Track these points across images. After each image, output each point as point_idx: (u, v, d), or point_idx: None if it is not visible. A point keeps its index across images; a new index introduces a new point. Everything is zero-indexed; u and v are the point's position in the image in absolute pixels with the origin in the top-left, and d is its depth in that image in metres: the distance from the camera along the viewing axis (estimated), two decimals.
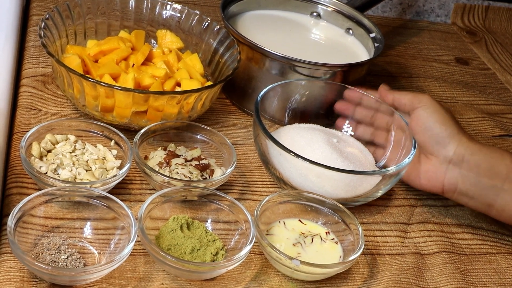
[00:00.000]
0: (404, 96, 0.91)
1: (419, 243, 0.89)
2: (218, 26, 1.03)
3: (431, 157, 0.87)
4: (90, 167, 0.83)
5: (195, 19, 1.05)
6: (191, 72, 0.98)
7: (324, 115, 0.99)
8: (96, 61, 0.97)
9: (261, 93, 0.92)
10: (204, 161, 0.88)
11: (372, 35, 1.10)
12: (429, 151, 0.87)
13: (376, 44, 1.08)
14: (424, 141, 0.87)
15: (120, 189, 0.84)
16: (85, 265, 0.73)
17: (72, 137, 0.86)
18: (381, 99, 0.94)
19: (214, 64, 1.02)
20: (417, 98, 0.89)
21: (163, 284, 0.75)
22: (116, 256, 0.71)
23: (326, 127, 0.98)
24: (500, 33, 1.51)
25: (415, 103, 0.89)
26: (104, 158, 0.85)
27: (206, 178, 0.86)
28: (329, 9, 1.15)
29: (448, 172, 0.86)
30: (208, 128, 0.92)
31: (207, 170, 0.87)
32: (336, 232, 0.84)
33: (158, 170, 0.85)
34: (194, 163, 0.87)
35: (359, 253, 0.78)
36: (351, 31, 1.14)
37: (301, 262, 0.75)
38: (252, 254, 0.81)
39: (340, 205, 0.84)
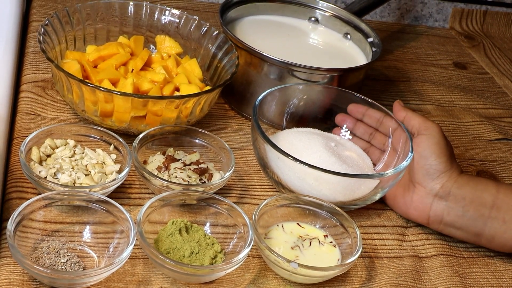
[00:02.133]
0: (415, 118, 0.91)
1: (417, 246, 0.89)
2: (217, 31, 1.04)
3: (418, 186, 0.87)
4: (89, 172, 0.83)
5: (194, 24, 1.05)
6: (189, 77, 0.99)
7: (322, 119, 0.99)
8: (96, 67, 0.97)
9: (259, 97, 0.92)
10: (202, 165, 0.88)
11: (370, 39, 1.11)
12: (417, 180, 0.87)
13: (374, 49, 1.09)
14: (416, 169, 0.87)
15: (119, 193, 0.85)
16: (84, 268, 0.74)
17: (71, 142, 0.87)
18: (393, 113, 0.94)
19: (213, 69, 1.03)
20: (426, 124, 0.89)
21: (162, 287, 0.75)
22: (115, 259, 0.71)
23: (324, 131, 0.98)
24: (498, 37, 1.52)
25: (422, 128, 0.89)
26: (103, 162, 0.86)
27: (204, 182, 0.86)
28: (327, 14, 1.16)
29: (433, 205, 0.87)
30: (207, 132, 0.92)
31: (206, 174, 0.87)
32: (334, 235, 0.84)
33: (157, 174, 0.85)
34: (192, 167, 0.87)
35: (357, 256, 0.79)
36: (349, 36, 1.15)
37: (299, 265, 0.76)
38: (250, 257, 0.81)
39: (338, 209, 0.84)
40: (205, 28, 1.05)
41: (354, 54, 1.12)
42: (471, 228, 0.87)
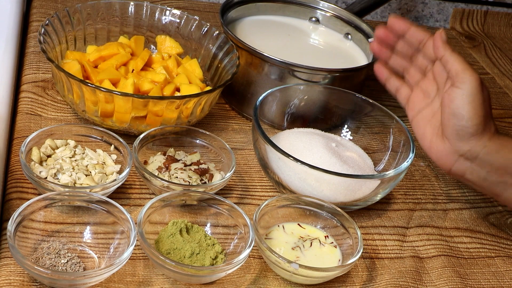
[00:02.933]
0: (453, 63, 0.82)
1: (418, 246, 0.89)
2: (217, 32, 1.04)
3: (446, 141, 0.83)
4: (90, 172, 0.83)
5: (194, 24, 1.05)
6: (190, 77, 0.99)
7: (323, 119, 0.99)
8: (96, 67, 0.97)
9: (260, 97, 0.92)
10: (203, 166, 0.88)
11: (371, 40, 1.10)
12: (446, 135, 0.83)
13: None
14: (446, 124, 0.83)
15: (120, 193, 0.85)
16: (84, 269, 0.74)
17: (72, 142, 0.87)
18: (433, 47, 0.85)
19: (213, 69, 1.03)
20: (463, 75, 0.81)
21: None
22: (115, 260, 0.71)
23: (325, 131, 0.98)
24: (499, 37, 1.51)
25: (459, 80, 0.81)
26: (104, 163, 0.86)
27: (205, 183, 0.86)
28: (328, 14, 1.16)
29: (458, 162, 0.84)
30: (207, 133, 0.92)
31: (206, 174, 0.87)
32: (335, 236, 0.84)
33: (158, 174, 0.85)
34: (193, 167, 0.87)
35: (357, 257, 0.79)
36: (349, 36, 1.14)
37: (300, 265, 0.75)
38: (251, 258, 0.81)
39: (339, 209, 0.84)
40: (206, 28, 1.04)
41: (355, 55, 1.12)
42: (491, 190, 0.85)
